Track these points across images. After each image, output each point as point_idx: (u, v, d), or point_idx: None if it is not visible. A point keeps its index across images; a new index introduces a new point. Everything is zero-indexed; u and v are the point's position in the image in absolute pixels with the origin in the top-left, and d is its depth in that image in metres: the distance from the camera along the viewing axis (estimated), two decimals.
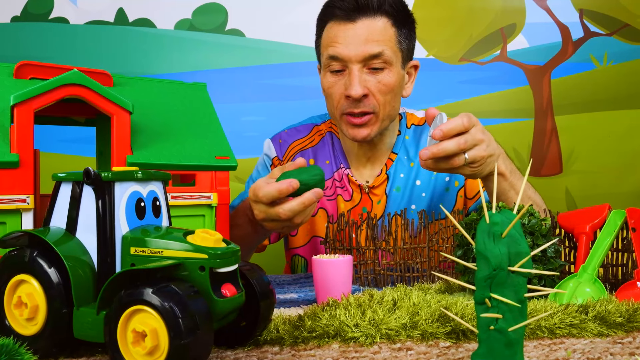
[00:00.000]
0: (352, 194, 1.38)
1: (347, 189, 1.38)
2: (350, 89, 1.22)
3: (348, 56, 1.22)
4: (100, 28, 2.24)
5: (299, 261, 1.44)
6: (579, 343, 0.67)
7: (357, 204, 1.37)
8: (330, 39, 1.25)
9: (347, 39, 1.23)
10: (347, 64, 1.23)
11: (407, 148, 1.39)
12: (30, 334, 0.61)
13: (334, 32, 1.25)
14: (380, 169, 1.38)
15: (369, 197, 1.37)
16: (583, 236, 0.92)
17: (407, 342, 0.67)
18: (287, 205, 0.96)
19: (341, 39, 1.23)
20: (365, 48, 1.22)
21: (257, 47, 2.27)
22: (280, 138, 1.46)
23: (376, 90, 1.24)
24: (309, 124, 1.49)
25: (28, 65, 0.80)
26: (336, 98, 1.27)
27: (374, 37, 1.22)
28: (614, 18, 2.32)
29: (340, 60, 1.23)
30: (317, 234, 1.40)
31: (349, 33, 1.23)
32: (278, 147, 1.45)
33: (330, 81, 1.27)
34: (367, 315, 0.70)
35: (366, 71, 1.23)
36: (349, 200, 1.37)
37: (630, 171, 2.33)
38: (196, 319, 0.52)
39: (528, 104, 2.32)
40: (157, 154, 0.81)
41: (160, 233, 0.61)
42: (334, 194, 1.38)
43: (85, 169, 0.60)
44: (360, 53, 1.22)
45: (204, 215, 0.86)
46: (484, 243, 0.47)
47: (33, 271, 0.61)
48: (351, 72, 1.23)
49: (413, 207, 1.35)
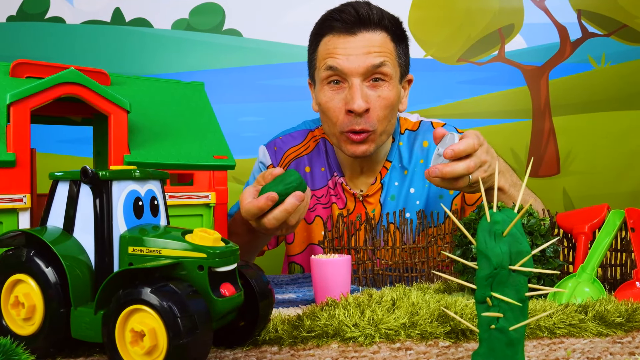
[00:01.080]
0: (346, 202, 1.37)
1: (340, 197, 1.37)
2: (352, 103, 1.20)
3: (349, 68, 1.20)
4: (96, 28, 2.23)
5: (295, 268, 1.43)
6: (578, 343, 0.66)
7: (351, 212, 1.35)
8: (329, 50, 1.23)
9: (347, 50, 1.21)
10: (348, 77, 1.21)
11: (402, 154, 1.38)
12: (27, 334, 0.61)
13: (333, 45, 1.23)
14: (374, 177, 1.37)
15: (363, 205, 1.36)
16: (582, 236, 0.92)
17: (407, 341, 0.67)
18: (271, 215, 0.96)
19: (341, 50, 1.21)
20: (367, 59, 1.20)
21: (255, 47, 2.27)
22: (275, 145, 1.44)
23: (377, 105, 1.22)
24: (303, 130, 1.46)
25: (24, 64, 0.79)
26: (335, 113, 1.24)
27: (374, 49, 1.21)
28: (612, 19, 2.33)
29: (340, 72, 1.21)
30: (313, 242, 1.39)
31: (349, 45, 1.21)
32: (273, 155, 1.43)
33: (328, 95, 1.24)
34: (366, 315, 0.69)
35: (367, 85, 1.22)
36: (342, 209, 1.36)
37: (627, 172, 2.33)
38: (195, 319, 0.52)
39: (526, 104, 2.32)
40: (154, 154, 0.81)
41: (158, 232, 0.60)
42: (328, 202, 1.38)
43: (82, 168, 0.60)
44: (361, 64, 1.20)
45: (202, 214, 0.85)
46: (485, 242, 0.47)
47: (30, 271, 0.60)
48: (352, 86, 1.20)
49: (407, 215, 1.34)
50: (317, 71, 1.28)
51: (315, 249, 1.38)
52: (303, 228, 1.39)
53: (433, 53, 2.30)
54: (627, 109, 2.35)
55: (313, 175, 1.40)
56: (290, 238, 1.42)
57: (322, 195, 1.38)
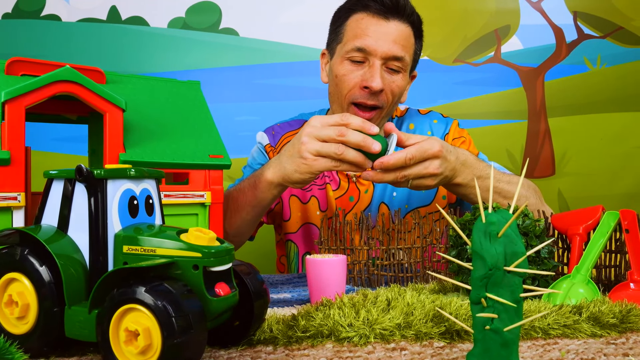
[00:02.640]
0: (339, 183, 1.41)
1: (334, 178, 1.42)
2: (371, 81, 1.25)
3: (375, 50, 1.25)
4: (92, 26, 2.23)
5: (291, 247, 1.47)
6: (572, 344, 0.67)
7: (345, 192, 1.40)
8: (361, 29, 1.28)
9: (378, 34, 1.26)
10: (370, 57, 1.26)
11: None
12: (21, 333, 0.61)
13: (365, 24, 1.28)
14: None
15: (356, 186, 1.41)
16: (576, 237, 0.92)
17: (401, 342, 0.67)
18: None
19: (372, 33, 1.26)
20: (393, 48, 1.26)
21: (251, 47, 2.27)
22: (273, 130, 1.51)
23: (389, 89, 1.28)
24: (299, 119, 1.53)
25: (19, 62, 0.79)
26: (349, 86, 1.29)
27: (401, 41, 1.27)
28: (607, 21, 2.33)
29: (366, 52, 1.26)
30: (309, 221, 1.44)
31: (381, 29, 1.26)
32: (271, 137, 1.49)
33: (348, 69, 1.29)
34: (361, 315, 0.69)
35: (385, 69, 1.27)
36: (336, 189, 1.41)
37: (622, 173, 2.34)
38: (189, 318, 0.51)
39: (521, 105, 2.33)
40: (150, 152, 0.80)
41: (153, 231, 0.60)
42: (323, 184, 1.42)
43: (77, 166, 0.59)
44: (387, 51, 1.25)
45: (197, 214, 0.85)
46: (480, 242, 0.47)
47: (24, 269, 0.60)
48: (373, 65, 1.26)
49: (394, 195, 1.40)
50: (340, 45, 1.33)
51: (311, 228, 1.43)
52: (298, 207, 1.44)
53: (429, 54, 2.31)
54: (622, 110, 2.36)
55: None
56: (286, 216, 1.45)
57: (318, 177, 1.42)
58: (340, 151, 0.99)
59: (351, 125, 1.00)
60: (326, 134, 1.00)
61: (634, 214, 0.91)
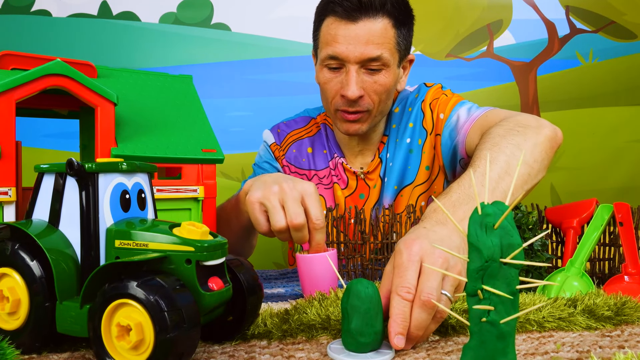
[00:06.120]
0: (347, 181, 1.40)
1: (341, 177, 1.41)
2: (346, 89, 1.21)
3: (347, 56, 1.21)
4: (83, 21, 2.21)
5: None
6: (567, 336, 0.67)
7: (354, 190, 1.39)
8: (331, 36, 1.23)
9: (347, 39, 1.21)
10: (345, 64, 1.22)
11: (396, 124, 1.40)
12: (12, 329, 0.60)
13: (333, 30, 1.23)
14: (373, 154, 1.40)
15: (365, 182, 1.39)
16: (571, 230, 0.93)
17: None
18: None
19: (341, 39, 1.21)
20: (365, 50, 1.20)
21: (243, 42, 2.26)
22: (278, 128, 1.50)
23: (371, 90, 1.24)
24: (306, 117, 1.51)
25: (10, 56, 0.78)
26: (331, 94, 1.27)
27: (374, 40, 1.21)
28: (599, 15, 2.34)
29: (340, 59, 1.23)
30: None
31: (350, 33, 1.21)
32: (277, 136, 1.48)
33: (327, 77, 1.27)
34: None
35: (363, 71, 1.23)
36: (345, 188, 1.40)
37: (614, 168, 2.35)
38: (182, 313, 0.51)
39: (514, 100, 2.33)
40: (142, 147, 0.80)
41: (145, 225, 0.60)
42: (330, 183, 1.41)
43: (68, 160, 0.59)
44: (359, 55, 1.20)
45: (190, 208, 0.84)
46: (476, 234, 0.47)
47: (15, 264, 0.59)
48: (349, 72, 1.22)
49: (386, 180, 1.37)
50: (318, 51, 1.30)
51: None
52: None
53: (422, 48, 2.30)
54: (614, 105, 2.36)
55: (315, 156, 1.44)
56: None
57: (324, 176, 1.42)
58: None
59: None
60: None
61: (627, 207, 0.91)
